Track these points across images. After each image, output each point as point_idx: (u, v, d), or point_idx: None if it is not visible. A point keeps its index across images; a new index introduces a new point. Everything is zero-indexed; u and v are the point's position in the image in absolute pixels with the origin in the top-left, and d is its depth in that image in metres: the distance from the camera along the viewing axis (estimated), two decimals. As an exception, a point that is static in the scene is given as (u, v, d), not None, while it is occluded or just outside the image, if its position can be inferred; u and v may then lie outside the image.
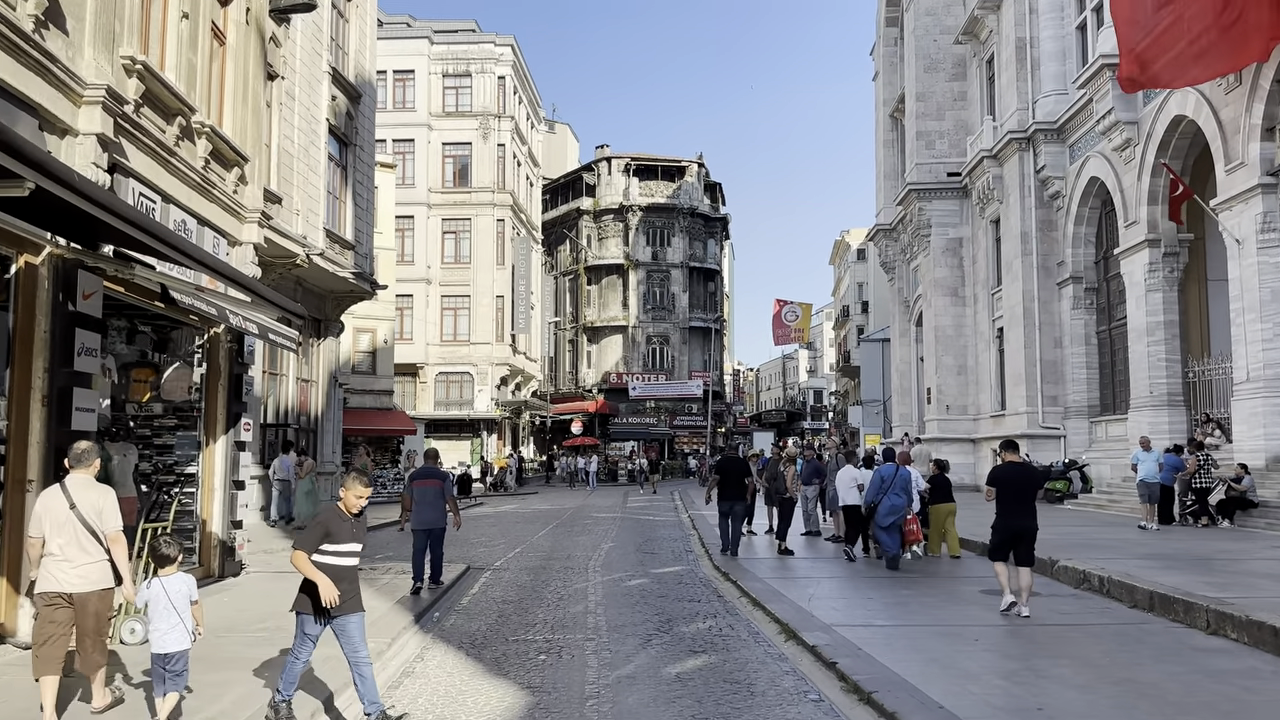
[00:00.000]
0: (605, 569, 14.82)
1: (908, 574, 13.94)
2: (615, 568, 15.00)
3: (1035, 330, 32.18)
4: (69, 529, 6.55)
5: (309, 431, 26.45)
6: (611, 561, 15.94)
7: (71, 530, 6.54)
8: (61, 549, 6.55)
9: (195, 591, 6.65)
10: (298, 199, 22.69)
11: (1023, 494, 10.57)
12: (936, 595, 11.98)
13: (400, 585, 12.68)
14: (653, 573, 14.31)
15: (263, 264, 22.05)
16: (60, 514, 6.59)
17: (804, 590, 12.01)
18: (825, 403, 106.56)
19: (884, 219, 45.86)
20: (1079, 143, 30.78)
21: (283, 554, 16.95)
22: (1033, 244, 32.52)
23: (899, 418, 45.25)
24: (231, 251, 13.69)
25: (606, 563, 15.77)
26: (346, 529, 6.90)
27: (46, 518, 6.60)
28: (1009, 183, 33.73)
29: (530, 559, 16.54)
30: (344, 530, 6.87)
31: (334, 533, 6.81)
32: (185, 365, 12.47)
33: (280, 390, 24.70)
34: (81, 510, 6.57)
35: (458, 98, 53.14)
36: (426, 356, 51.20)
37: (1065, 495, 27.91)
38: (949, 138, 39.26)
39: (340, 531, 6.85)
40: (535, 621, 10.26)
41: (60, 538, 6.56)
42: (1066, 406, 31.71)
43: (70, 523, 6.54)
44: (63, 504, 6.61)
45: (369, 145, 27.88)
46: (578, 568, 15.03)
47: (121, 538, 6.81)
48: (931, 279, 38.82)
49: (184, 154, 11.71)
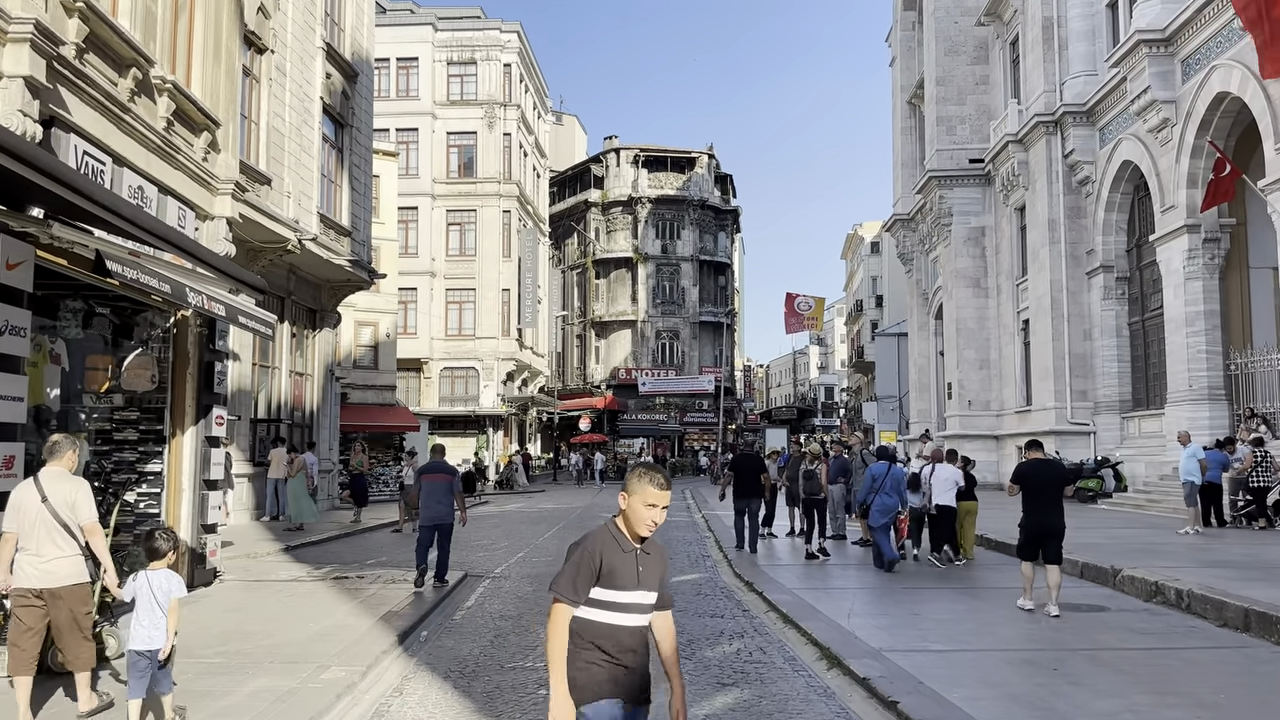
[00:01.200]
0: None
1: (950, 583, 12.61)
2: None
3: (1063, 322, 30.79)
4: (40, 523, 6.40)
5: (304, 427, 25.19)
6: None
7: (43, 524, 6.40)
8: (33, 544, 6.42)
9: (180, 589, 6.39)
10: (289, 181, 21.40)
11: (1049, 491, 10.37)
12: (990, 608, 10.62)
13: (389, 596, 11.38)
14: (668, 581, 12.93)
15: (252, 250, 20.86)
16: (32, 508, 6.44)
17: (839, 603, 10.67)
18: (836, 399, 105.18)
19: (901, 209, 44.45)
20: (1110, 125, 29.36)
21: (268, 558, 15.68)
22: (1060, 232, 31.11)
23: (917, 414, 43.85)
24: (202, 226, 12.39)
25: None
26: (630, 566, 3.90)
27: (19, 512, 6.46)
28: (1035, 168, 32.31)
29: (534, 565, 15.22)
30: (626, 567, 3.88)
31: (612, 569, 3.84)
32: (149, 352, 11.15)
33: (272, 384, 23.43)
34: (53, 503, 6.42)
35: (462, 86, 51.80)
36: (431, 351, 49.90)
37: (1098, 494, 26.55)
38: (970, 123, 37.83)
39: (621, 569, 3.86)
40: (536, 643, 8.93)
41: (31, 532, 6.42)
42: (1096, 401, 30.32)
43: (41, 517, 6.40)
44: (35, 498, 6.46)
45: (366, 127, 26.59)
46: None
47: (98, 528, 6.63)
48: (952, 270, 37.38)
49: (141, 112, 10.40)
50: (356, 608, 10.56)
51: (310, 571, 13.75)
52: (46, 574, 6.37)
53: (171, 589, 6.25)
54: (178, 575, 6.43)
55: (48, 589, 6.38)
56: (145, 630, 6.12)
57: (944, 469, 15.59)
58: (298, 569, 14.05)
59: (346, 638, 8.85)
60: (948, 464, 16.06)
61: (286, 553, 16.67)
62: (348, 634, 9.01)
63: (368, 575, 13.26)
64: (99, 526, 6.65)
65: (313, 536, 18.68)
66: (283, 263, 22.54)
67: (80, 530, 6.51)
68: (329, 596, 11.40)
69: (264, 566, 14.18)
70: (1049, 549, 10.18)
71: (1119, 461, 27.26)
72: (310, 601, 10.92)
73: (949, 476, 15.31)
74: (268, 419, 23.08)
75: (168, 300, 9.82)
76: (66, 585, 6.42)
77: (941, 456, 16.29)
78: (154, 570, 6.28)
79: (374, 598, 11.31)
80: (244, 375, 21.34)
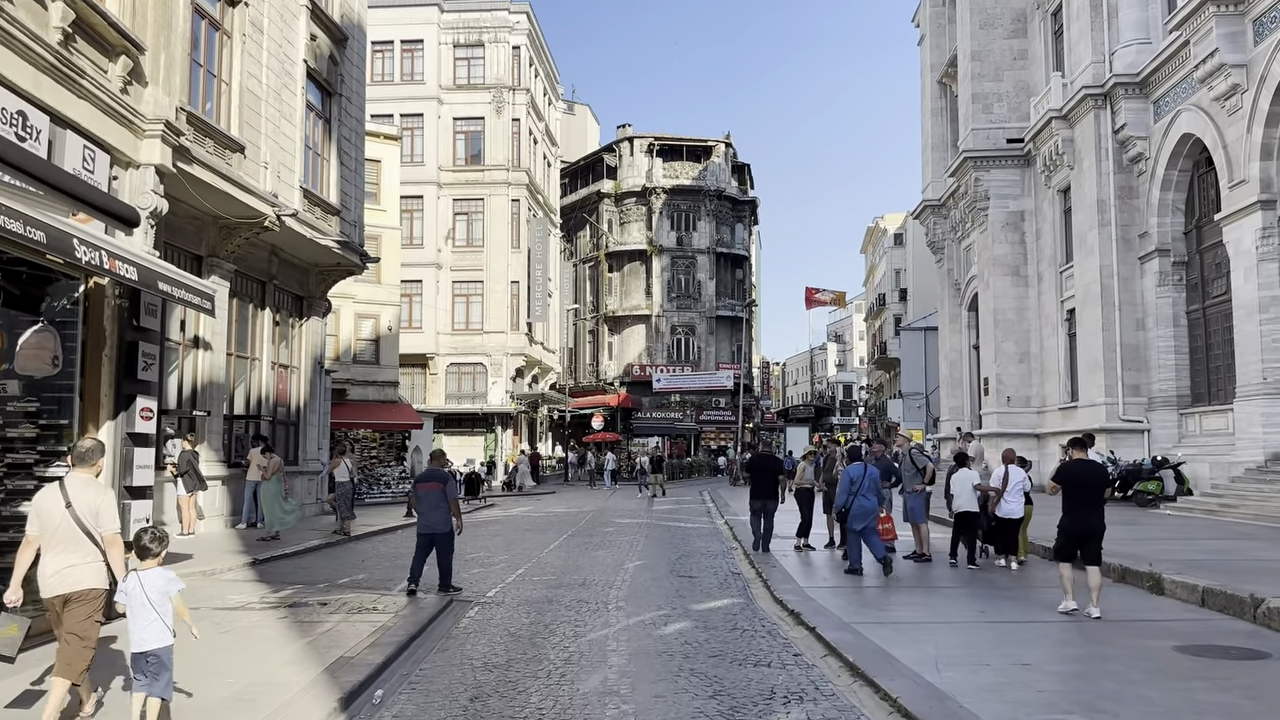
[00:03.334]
0: (631, 603, 11.17)
1: (1028, 605, 10.35)
2: (644, 601, 11.36)
3: (1114, 311, 28.41)
4: (63, 530, 6.29)
5: (289, 424, 23.03)
6: (639, 590, 12.28)
7: (65, 531, 6.29)
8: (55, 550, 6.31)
9: (176, 584, 6.26)
10: (266, 150, 19.23)
11: (1092, 493, 10.20)
12: (1111, 651, 8.31)
13: (346, 634, 9.12)
14: (695, 610, 10.65)
15: (225, 227, 18.70)
16: (55, 514, 6.34)
17: (917, 645, 8.39)
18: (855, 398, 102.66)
19: (932, 194, 42.06)
20: (1166, 96, 26.97)
21: (227, 576, 13.50)
22: (1110, 214, 28.72)
23: (948, 411, 41.45)
24: (122, 175, 10.18)
25: (632, 592, 12.11)
26: None
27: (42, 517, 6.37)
28: (1082, 146, 29.94)
29: (534, 586, 12.95)
30: None
31: None
32: (51, 328, 8.93)
33: (251, 376, 21.27)
34: (77, 510, 6.31)
35: (469, 69, 49.59)
36: (437, 346, 47.73)
37: (1158, 497, 24.18)
38: (1008, 101, 35.45)
39: None
40: (527, 711, 6.68)
41: (53, 539, 6.31)
42: (1150, 397, 27.94)
43: (64, 523, 6.29)
44: (59, 503, 6.36)
45: (358, 98, 24.39)
46: (594, 601, 11.39)
47: (119, 540, 6.51)
48: (989, 257, 34.99)
49: (22, 17, 8.20)
50: (301, 651, 8.34)
51: (266, 595, 11.54)
52: (67, 580, 6.25)
53: (169, 587, 6.13)
54: (171, 572, 6.26)
55: (63, 595, 6.25)
56: (141, 632, 6.00)
57: (1017, 472, 14.23)
58: (252, 592, 11.84)
59: (272, 701, 6.65)
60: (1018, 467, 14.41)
61: (253, 567, 14.50)
62: (276, 695, 6.80)
63: (332, 601, 11.00)
64: (120, 538, 6.50)
65: (288, 548, 16.51)
66: (262, 242, 20.40)
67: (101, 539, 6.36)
68: (273, 633, 9.18)
69: (215, 588, 11.99)
70: (1088, 550, 10.05)
71: (1180, 462, 24.85)
72: (246, 642, 8.72)
73: (1020, 480, 14.13)
74: (246, 415, 20.92)
75: (70, 265, 7.61)
76: (83, 589, 6.27)
77: (1013, 458, 14.63)
78: (145, 571, 6.14)
79: (328, 635, 9.06)
80: (217, 366, 19.18)
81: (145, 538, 6.30)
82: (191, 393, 18.70)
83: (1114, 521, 20.51)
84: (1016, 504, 13.97)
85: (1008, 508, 13.92)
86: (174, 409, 18.18)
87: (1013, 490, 13.93)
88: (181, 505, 17.16)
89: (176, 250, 17.85)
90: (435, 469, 12.82)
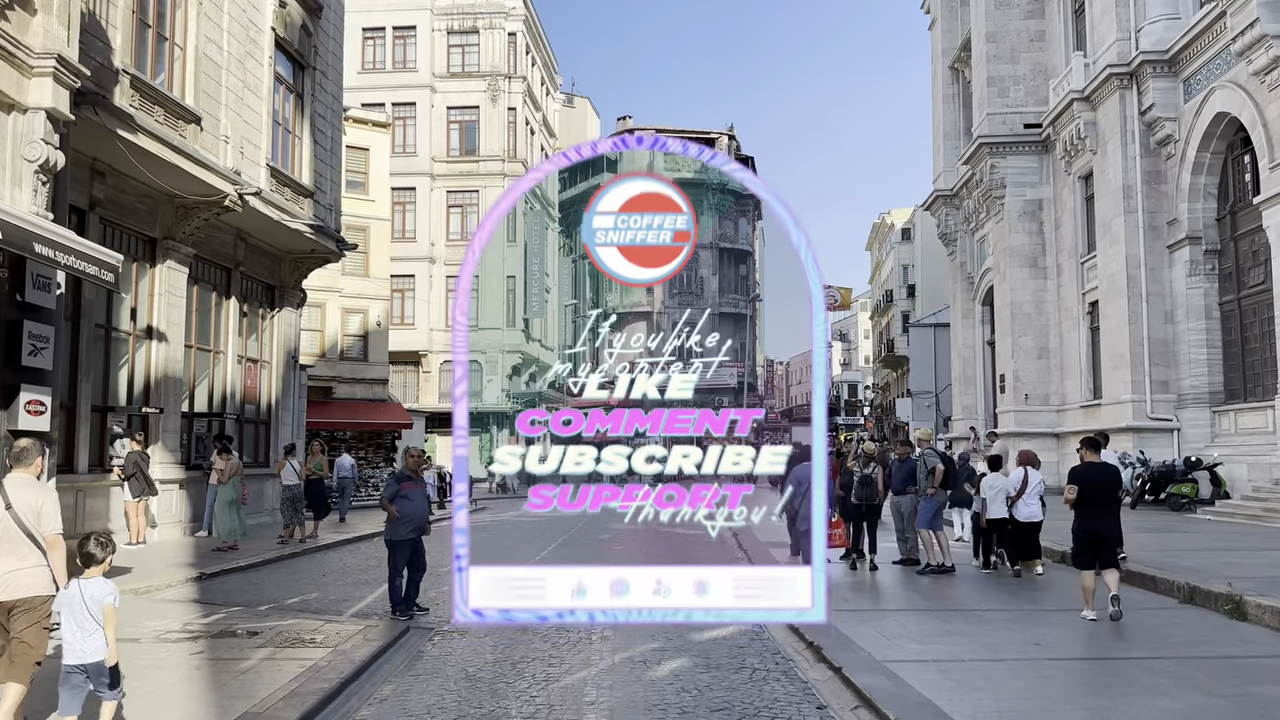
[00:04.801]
0: (619, 631, 9.44)
1: (1144, 660, 8.68)
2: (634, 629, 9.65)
3: (1141, 302, 26.75)
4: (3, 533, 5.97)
5: (259, 424, 21.41)
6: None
7: (6, 534, 5.98)
8: None
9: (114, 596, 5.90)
10: (228, 123, 17.62)
11: (1105, 495, 10.05)
12: (1222, 705, 6.63)
13: (265, 679, 7.30)
14: (695, 641, 8.93)
15: (182, 206, 17.09)
16: None
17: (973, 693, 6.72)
18: (860, 397, 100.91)
19: (944, 184, 40.35)
20: (1198, 74, 25.31)
21: (163, 594, 11.86)
22: (1137, 200, 27.07)
23: (961, 409, 39.75)
24: (5, 120, 8.51)
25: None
26: None
27: None
28: (1105, 128, 28.27)
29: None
30: None
31: None
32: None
33: (215, 371, 19.63)
34: (18, 511, 6.01)
35: (464, 57, 47.95)
36: (430, 343, 46.08)
37: (1194, 501, 22.51)
38: (1025, 84, 33.75)
39: None
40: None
41: None
42: (1180, 394, 26.30)
43: (5, 526, 5.99)
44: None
45: (334, 72, 22.74)
46: (575, 628, 9.66)
47: (61, 541, 6.17)
48: (1005, 248, 33.30)
49: None
50: (196, 706, 6.68)
51: (193, 621, 9.88)
52: (11, 586, 5.98)
53: (104, 596, 5.83)
54: (111, 583, 6.00)
55: (7, 601, 5.96)
56: (79, 643, 5.76)
57: (1036, 474, 13.37)
58: (180, 616, 10.18)
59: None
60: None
61: (197, 584, 12.86)
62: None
63: (266, 629, 9.32)
64: (62, 540, 6.21)
65: (244, 560, 14.85)
66: (225, 225, 18.79)
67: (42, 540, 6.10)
68: (174, 676, 7.49)
69: (140, 609, 10.31)
70: (1105, 555, 9.86)
71: (1217, 463, 23.16)
72: (134, 692, 7.02)
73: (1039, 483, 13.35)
74: (209, 413, 19.28)
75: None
76: (28, 597, 5.98)
77: (1032, 459, 13.66)
78: (87, 579, 5.88)
79: (242, 680, 7.34)
80: (174, 359, 17.55)
81: (90, 544, 5.98)
82: (144, 388, 17.07)
83: (1151, 528, 18.96)
84: (1036, 507, 13.14)
85: (1027, 511, 13.09)
86: (123, 406, 16.59)
87: (1031, 493, 13.11)
88: (129, 511, 15.52)
89: (127, 232, 16.27)
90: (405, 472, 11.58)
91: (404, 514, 10.83)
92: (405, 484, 11.23)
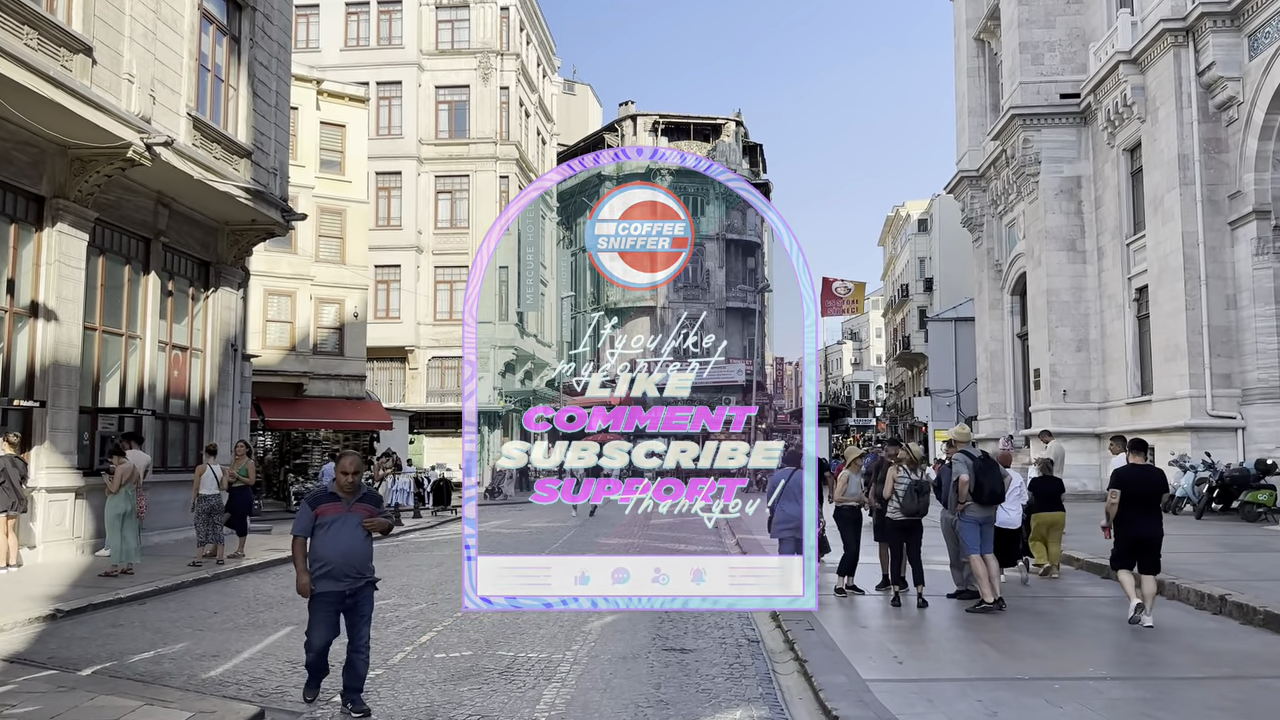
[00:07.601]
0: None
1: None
2: (596, 714, 6.64)
3: (1200, 286, 23.75)
4: None
5: (189, 421, 18.47)
6: (594, 684, 7.46)
7: None
8: None
9: None
10: (133, 58, 14.68)
11: (1148, 499, 9.93)
12: None
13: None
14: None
15: (78, 159, 14.16)
16: None
17: None
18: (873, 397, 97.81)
19: (969, 164, 37.31)
20: (1266, 27, 22.32)
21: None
22: (1194, 171, 24.05)
23: (988, 408, 36.67)
24: None
25: (581, 691, 7.27)
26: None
27: None
28: (1157, 93, 25.26)
29: (430, 671, 8.17)
30: None
31: None
32: None
33: (129, 359, 16.68)
34: None
35: (453, 33, 45.01)
36: (417, 338, 43.14)
37: (1270, 509, 19.51)
38: (1061, 50, 30.73)
39: None
40: None
41: None
42: (1245, 388, 23.31)
43: None
44: None
45: (281, 17, 19.77)
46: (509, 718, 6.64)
47: None
48: (1040, 230, 30.27)
49: None
50: None
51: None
52: None
53: None
54: None
55: None
56: None
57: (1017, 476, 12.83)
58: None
59: None
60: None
61: (45, 623, 9.95)
62: None
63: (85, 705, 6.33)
64: None
65: (126, 590, 11.88)
66: (140, 186, 15.89)
67: None
68: None
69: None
70: (1145, 560, 9.87)
71: (1297, 467, 20.14)
72: None
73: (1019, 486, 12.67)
74: (120, 409, 16.31)
75: None
76: None
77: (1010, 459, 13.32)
78: None
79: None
80: (68, 343, 14.62)
81: None
82: (27, 376, 14.13)
83: (1228, 543, 16.01)
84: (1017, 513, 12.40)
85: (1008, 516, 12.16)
86: (-6, 398, 13.64)
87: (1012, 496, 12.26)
88: (-5, 528, 12.59)
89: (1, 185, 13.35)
90: (328, 490, 7.32)
91: (319, 555, 6.94)
92: (326, 507, 7.07)
